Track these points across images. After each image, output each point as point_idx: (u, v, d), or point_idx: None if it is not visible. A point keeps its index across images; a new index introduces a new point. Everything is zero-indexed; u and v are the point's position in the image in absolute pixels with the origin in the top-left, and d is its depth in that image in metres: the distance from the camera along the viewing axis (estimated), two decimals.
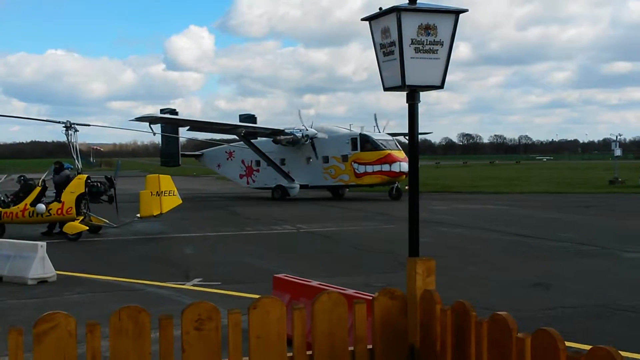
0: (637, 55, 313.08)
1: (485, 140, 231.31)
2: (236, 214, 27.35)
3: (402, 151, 34.87)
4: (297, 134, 35.26)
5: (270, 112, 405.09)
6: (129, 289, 11.58)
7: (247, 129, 36.02)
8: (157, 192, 18.95)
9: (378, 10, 4.73)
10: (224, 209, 29.66)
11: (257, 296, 3.70)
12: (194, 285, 11.90)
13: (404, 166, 32.98)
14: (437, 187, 45.40)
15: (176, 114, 42.13)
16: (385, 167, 34.10)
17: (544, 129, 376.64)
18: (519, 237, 18.23)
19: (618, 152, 46.21)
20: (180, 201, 20.20)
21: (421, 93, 4.81)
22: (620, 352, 2.77)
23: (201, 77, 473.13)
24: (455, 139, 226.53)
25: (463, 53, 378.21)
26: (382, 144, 35.09)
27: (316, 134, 35.78)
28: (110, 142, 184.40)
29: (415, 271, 4.06)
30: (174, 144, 42.05)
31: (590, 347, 2.79)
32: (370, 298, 4.07)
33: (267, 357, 3.50)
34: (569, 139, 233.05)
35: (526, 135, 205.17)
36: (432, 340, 3.84)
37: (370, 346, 3.93)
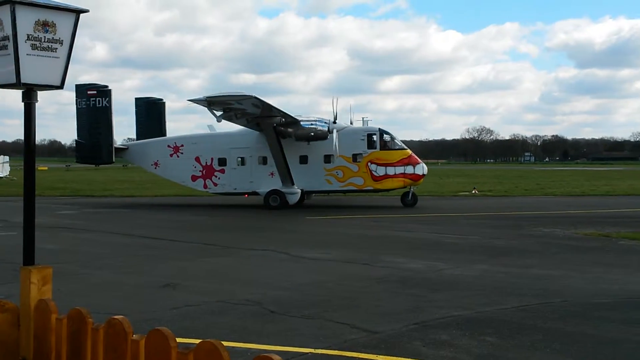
0: (262, 69, 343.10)
1: (119, 143, 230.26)
2: None
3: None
4: (323, 127, 28.73)
5: None
6: None
7: (286, 119, 28.20)
8: None
9: None
10: None
11: None
12: None
13: (426, 168, 30.64)
14: (66, 190, 43.49)
15: (109, 91, 31.48)
16: (409, 170, 29.90)
17: (178, 133, 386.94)
18: (149, 240, 18.46)
19: None
20: None
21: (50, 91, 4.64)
22: (231, 342, 3.05)
23: None
24: None
25: (100, 54, 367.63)
26: (400, 141, 30.94)
27: (345, 127, 30.13)
28: None
29: (29, 281, 3.85)
30: (105, 132, 30.66)
31: (199, 341, 3.00)
32: None
33: None
34: None
35: None
36: (47, 351, 3.69)
37: None
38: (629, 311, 9.55)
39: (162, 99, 35.99)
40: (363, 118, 32.12)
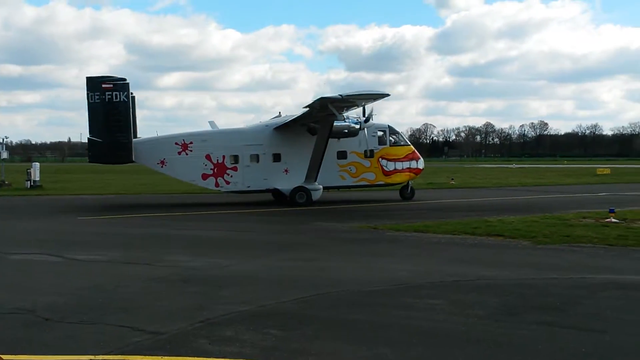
0: (28, 60, 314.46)
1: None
2: None
3: None
4: (355, 125, 28.90)
5: None
6: None
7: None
8: None
9: None
10: None
11: None
12: None
13: (424, 163, 32.77)
14: None
15: (127, 84, 28.74)
16: (413, 164, 32.03)
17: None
18: None
19: (5, 154, 47.96)
20: None
21: None
22: (2, 355, 2.76)
23: None
24: None
25: None
26: (405, 137, 32.91)
27: (373, 124, 30.94)
28: None
29: None
30: (125, 130, 28.42)
31: None
32: None
33: None
34: None
35: None
36: None
37: None
38: (397, 296, 10.38)
39: (131, 92, 32.48)
40: (373, 114, 32.63)
